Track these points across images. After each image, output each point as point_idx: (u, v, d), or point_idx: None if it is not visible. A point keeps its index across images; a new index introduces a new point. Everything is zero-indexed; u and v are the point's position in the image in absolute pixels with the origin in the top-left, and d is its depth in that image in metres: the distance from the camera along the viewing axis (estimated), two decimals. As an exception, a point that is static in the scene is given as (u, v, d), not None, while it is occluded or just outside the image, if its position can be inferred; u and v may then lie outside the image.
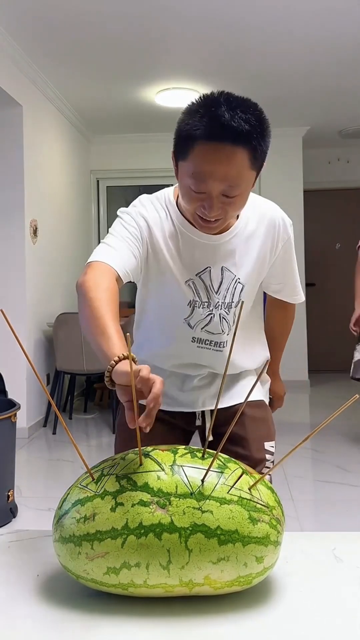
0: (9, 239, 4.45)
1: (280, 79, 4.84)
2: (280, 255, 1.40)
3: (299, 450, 3.99)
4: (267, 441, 1.48)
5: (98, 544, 0.80)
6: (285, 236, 1.39)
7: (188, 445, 1.50)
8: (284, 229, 1.39)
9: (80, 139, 6.11)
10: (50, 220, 5.07)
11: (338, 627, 0.78)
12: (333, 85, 4.98)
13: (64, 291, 5.37)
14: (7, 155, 4.40)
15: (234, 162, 1.13)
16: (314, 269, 6.86)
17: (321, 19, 3.77)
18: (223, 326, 1.38)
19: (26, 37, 3.97)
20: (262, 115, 1.15)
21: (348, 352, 7.31)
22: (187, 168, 1.17)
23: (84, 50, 4.21)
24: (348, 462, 3.80)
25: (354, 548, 1.00)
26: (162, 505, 0.80)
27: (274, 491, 0.89)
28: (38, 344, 4.79)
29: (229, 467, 0.86)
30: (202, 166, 1.14)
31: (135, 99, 5.13)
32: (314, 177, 6.79)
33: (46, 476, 3.79)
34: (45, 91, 4.85)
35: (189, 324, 1.38)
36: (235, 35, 3.91)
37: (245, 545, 0.80)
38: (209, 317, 1.37)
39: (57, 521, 0.86)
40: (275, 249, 1.39)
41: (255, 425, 1.45)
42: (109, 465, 0.88)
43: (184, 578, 0.80)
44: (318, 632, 0.77)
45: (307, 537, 1.07)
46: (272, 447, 1.49)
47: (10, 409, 2.77)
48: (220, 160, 1.12)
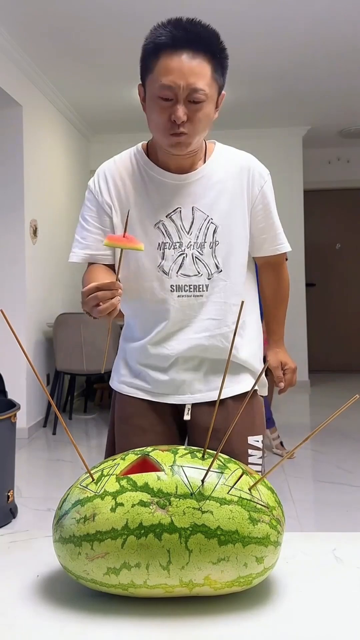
0: (9, 239, 4.45)
1: (281, 79, 4.84)
2: (259, 200, 1.44)
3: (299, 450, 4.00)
4: (251, 435, 1.44)
5: (98, 545, 0.80)
6: (262, 181, 1.44)
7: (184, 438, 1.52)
8: (259, 174, 1.44)
9: (80, 139, 6.11)
10: (50, 220, 5.07)
11: (338, 627, 0.78)
12: (333, 85, 4.98)
13: (64, 291, 5.37)
14: (7, 155, 4.40)
15: (197, 64, 1.25)
16: (314, 269, 6.86)
17: (321, 19, 3.77)
18: (198, 267, 1.39)
19: (26, 37, 3.97)
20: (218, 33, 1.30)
21: (348, 352, 7.32)
22: (153, 79, 1.27)
23: (84, 50, 4.21)
24: (348, 462, 3.80)
25: (354, 548, 1.00)
26: (162, 505, 0.80)
27: (274, 491, 0.89)
28: (38, 344, 4.79)
29: (229, 468, 0.86)
30: (168, 68, 1.24)
31: (135, 99, 5.11)
32: (314, 177, 6.79)
33: (46, 477, 3.79)
34: (45, 91, 4.85)
35: (163, 271, 1.39)
36: (235, 35, 3.91)
37: (245, 546, 0.80)
38: (180, 257, 1.39)
39: (57, 521, 0.85)
40: (250, 194, 1.42)
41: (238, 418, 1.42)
42: (109, 466, 0.88)
43: (184, 578, 0.80)
44: (318, 632, 0.77)
45: (307, 538, 1.06)
46: (257, 441, 1.45)
47: (10, 409, 2.77)
48: (184, 61, 1.24)
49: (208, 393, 1.43)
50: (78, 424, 4.97)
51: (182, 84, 1.24)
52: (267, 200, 1.46)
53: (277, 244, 1.50)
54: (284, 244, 1.51)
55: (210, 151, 1.44)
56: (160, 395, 1.45)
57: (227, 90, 1.33)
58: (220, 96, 1.36)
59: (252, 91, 5.06)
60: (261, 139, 5.93)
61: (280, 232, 1.51)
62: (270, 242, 1.49)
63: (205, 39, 1.26)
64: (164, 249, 1.39)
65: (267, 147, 5.68)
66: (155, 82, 1.27)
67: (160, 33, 1.26)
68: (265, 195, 1.45)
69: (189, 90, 1.25)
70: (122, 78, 4.62)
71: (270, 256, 1.52)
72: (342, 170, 7.03)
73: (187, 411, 1.44)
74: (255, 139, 5.86)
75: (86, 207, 1.45)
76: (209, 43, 1.27)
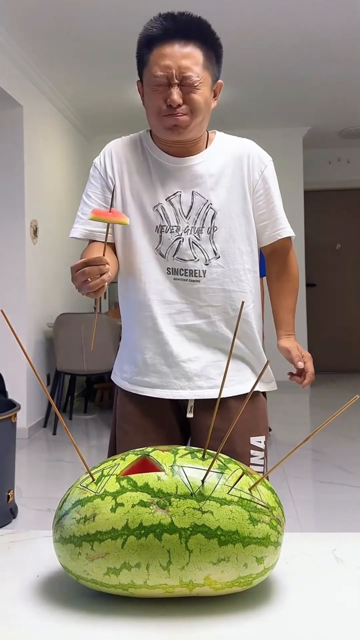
0: (9, 239, 4.45)
1: (281, 79, 4.84)
2: (260, 185, 1.45)
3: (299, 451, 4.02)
4: (253, 436, 1.43)
5: (98, 545, 0.80)
6: (262, 166, 1.45)
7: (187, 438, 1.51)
8: (259, 158, 1.46)
9: (80, 139, 6.11)
10: (50, 220, 5.07)
11: (338, 628, 0.78)
12: (333, 85, 4.98)
13: (64, 291, 5.37)
14: (7, 155, 4.40)
15: (189, 51, 1.29)
16: (314, 269, 6.86)
17: (321, 19, 3.77)
18: (195, 252, 1.39)
19: (26, 37, 3.97)
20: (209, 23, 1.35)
21: (348, 352, 7.32)
22: (148, 70, 1.32)
23: (84, 50, 4.21)
24: (348, 462, 3.80)
25: (354, 549, 1.00)
26: (162, 505, 0.80)
27: (275, 492, 0.88)
28: (38, 344, 4.79)
29: (229, 468, 0.86)
30: (161, 55, 1.29)
31: (135, 99, 5.13)
32: (314, 177, 6.79)
33: (46, 477, 3.79)
34: (45, 91, 4.85)
35: (160, 253, 1.40)
36: (235, 35, 3.91)
37: (245, 546, 0.80)
38: (177, 241, 1.39)
39: (57, 522, 0.85)
40: (251, 179, 1.43)
41: (240, 418, 1.42)
42: (109, 466, 0.88)
43: (184, 579, 0.80)
44: (318, 632, 0.77)
45: (307, 538, 1.06)
46: (259, 442, 1.44)
47: (11, 410, 2.77)
48: (176, 48, 1.29)
49: (209, 390, 1.41)
50: (78, 424, 4.97)
51: (174, 67, 1.29)
52: (267, 185, 1.45)
53: (278, 229, 1.48)
54: (286, 228, 1.49)
55: (211, 139, 1.46)
56: (160, 388, 1.42)
57: (227, 91, 1.35)
58: (217, 85, 1.38)
59: (252, 91, 5.06)
60: (261, 139, 5.88)
61: (282, 217, 1.48)
62: (272, 228, 1.48)
63: (195, 27, 1.31)
64: (161, 232, 1.40)
65: (267, 148, 5.60)
66: (150, 72, 1.32)
67: (151, 26, 1.33)
68: (266, 180, 1.45)
69: (182, 75, 1.29)
70: (121, 78, 4.62)
71: (275, 243, 1.50)
72: (343, 171, 7.03)
73: (189, 408, 1.43)
74: (256, 139, 5.83)
75: (90, 184, 1.48)
76: (199, 31, 1.31)
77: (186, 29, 1.30)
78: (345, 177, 7.05)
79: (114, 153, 1.46)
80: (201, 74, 1.31)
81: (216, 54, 1.35)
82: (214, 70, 1.35)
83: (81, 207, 1.48)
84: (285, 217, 1.50)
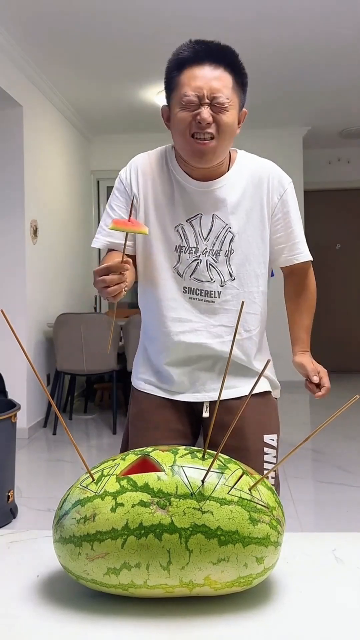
0: (9, 239, 4.45)
1: (281, 79, 4.84)
2: (279, 209, 1.45)
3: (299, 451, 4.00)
4: (267, 433, 1.47)
5: (98, 545, 0.80)
6: (281, 189, 1.45)
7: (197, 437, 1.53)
8: (279, 181, 1.45)
9: (80, 139, 6.11)
10: (50, 220, 5.07)
11: (338, 627, 0.78)
12: (333, 85, 4.98)
13: (64, 291, 5.37)
14: (7, 155, 4.40)
15: (219, 73, 1.30)
16: (314, 269, 6.83)
17: (321, 19, 3.77)
18: (212, 274, 1.41)
19: (26, 37, 3.97)
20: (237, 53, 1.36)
21: (348, 352, 7.31)
22: (178, 91, 1.32)
23: (84, 51, 4.21)
24: (348, 462, 3.80)
25: (354, 549, 1.00)
26: (162, 505, 0.80)
27: (275, 492, 0.88)
28: (38, 344, 4.79)
29: (229, 468, 0.86)
30: (192, 77, 1.30)
31: (136, 99, 5.13)
32: (314, 177, 6.79)
33: (46, 477, 3.79)
34: (45, 91, 4.85)
35: (178, 272, 1.42)
36: (235, 35, 3.91)
37: (245, 546, 0.80)
38: (195, 262, 1.41)
39: (57, 522, 0.85)
40: (270, 202, 1.43)
41: (254, 416, 1.44)
42: (109, 466, 0.88)
43: (184, 579, 0.80)
44: (318, 632, 0.77)
45: (307, 538, 1.06)
46: (272, 440, 1.48)
47: (11, 410, 2.77)
48: (207, 70, 1.30)
49: (224, 391, 1.44)
50: (78, 424, 4.97)
51: (206, 88, 1.29)
52: (287, 209, 1.46)
53: (295, 253, 1.50)
54: (303, 252, 1.51)
55: (233, 159, 1.46)
56: (176, 394, 1.48)
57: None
58: (242, 112, 1.39)
59: (252, 91, 5.03)
60: (261, 140, 5.92)
61: (300, 241, 1.50)
62: (289, 251, 1.49)
63: (226, 52, 1.33)
64: (180, 251, 1.42)
65: (267, 148, 5.66)
66: (180, 92, 1.31)
67: (182, 50, 1.33)
68: (286, 204, 1.45)
69: (213, 95, 1.29)
70: (122, 78, 4.62)
71: (292, 265, 1.52)
72: (343, 171, 7.03)
73: (205, 409, 1.47)
74: (256, 139, 5.85)
75: (114, 197, 1.49)
76: (229, 57, 1.33)
77: (217, 54, 1.31)
78: (345, 177, 7.05)
79: (140, 169, 1.46)
80: (231, 96, 1.32)
81: (242, 81, 1.37)
82: (240, 97, 1.37)
83: (104, 218, 1.49)
84: (305, 242, 1.51)
